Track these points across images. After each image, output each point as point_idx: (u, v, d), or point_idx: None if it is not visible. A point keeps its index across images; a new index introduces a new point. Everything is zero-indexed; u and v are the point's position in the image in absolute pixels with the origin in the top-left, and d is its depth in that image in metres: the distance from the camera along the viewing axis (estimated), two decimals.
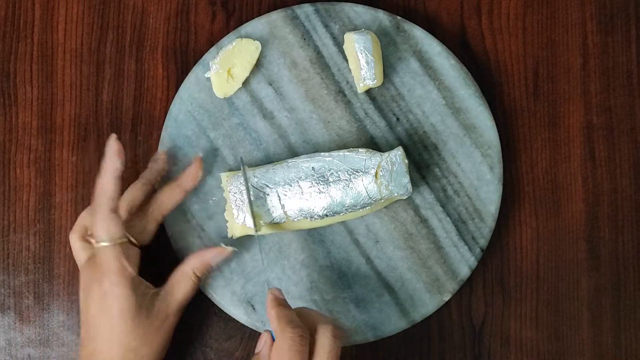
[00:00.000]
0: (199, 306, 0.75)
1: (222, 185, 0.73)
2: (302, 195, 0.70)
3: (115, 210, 0.66)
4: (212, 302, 0.74)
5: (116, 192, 0.66)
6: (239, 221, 0.71)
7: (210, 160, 0.74)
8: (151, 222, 0.71)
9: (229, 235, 0.72)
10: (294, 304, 0.73)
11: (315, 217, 0.70)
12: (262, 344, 0.64)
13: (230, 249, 0.70)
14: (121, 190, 0.67)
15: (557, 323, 0.77)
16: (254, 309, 0.73)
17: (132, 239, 0.69)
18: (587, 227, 0.77)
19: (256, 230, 0.71)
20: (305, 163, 0.71)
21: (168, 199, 0.71)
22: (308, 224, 0.72)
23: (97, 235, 0.66)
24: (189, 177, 0.72)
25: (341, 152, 0.71)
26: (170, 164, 0.74)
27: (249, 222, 0.71)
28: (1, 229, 0.77)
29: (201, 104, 0.75)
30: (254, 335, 0.75)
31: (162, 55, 0.78)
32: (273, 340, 0.63)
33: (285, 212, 0.70)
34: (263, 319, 0.73)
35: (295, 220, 0.71)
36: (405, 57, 0.75)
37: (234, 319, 0.74)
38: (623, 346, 0.77)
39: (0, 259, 0.76)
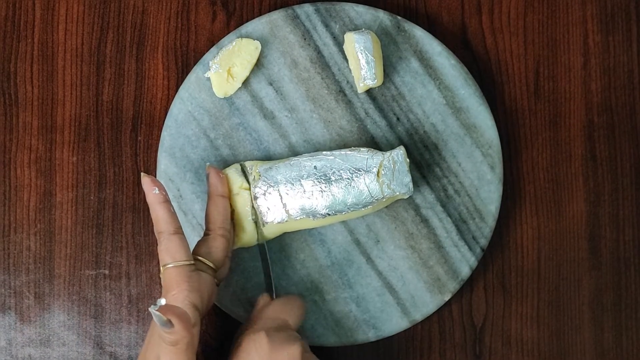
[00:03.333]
0: None
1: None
2: (304, 193, 0.70)
3: (177, 232, 0.65)
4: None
5: (169, 215, 0.65)
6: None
7: (212, 161, 0.74)
8: (213, 238, 0.69)
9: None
10: None
11: (318, 216, 0.70)
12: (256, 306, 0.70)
13: None
14: (174, 211, 0.66)
15: (558, 322, 0.77)
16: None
17: (206, 261, 0.67)
18: (588, 226, 0.77)
19: (261, 244, 0.72)
20: (307, 162, 0.71)
21: (216, 211, 0.69)
22: (310, 224, 0.72)
23: (162, 259, 0.65)
24: (217, 183, 0.70)
25: (343, 151, 0.71)
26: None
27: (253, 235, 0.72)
28: (2, 228, 0.77)
29: (201, 104, 0.74)
30: None
31: (163, 55, 0.78)
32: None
33: (287, 211, 0.70)
34: None
35: (297, 219, 0.71)
36: (405, 57, 0.75)
37: (234, 318, 0.74)
38: (624, 346, 0.76)
39: (0, 259, 0.76)
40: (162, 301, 0.62)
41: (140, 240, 0.76)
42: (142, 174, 0.66)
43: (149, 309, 0.59)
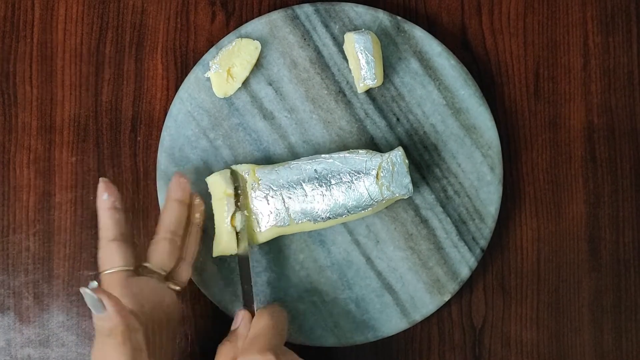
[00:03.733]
0: (199, 306, 0.75)
1: (209, 191, 0.72)
2: (306, 197, 0.70)
3: (117, 239, 0.65)
4: (212, 302, 0.74)
5: (112, 222, 0.66)
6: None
7: (211, 161, 0.74)
8: (157, 242, 0.68)
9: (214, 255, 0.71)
10: (294, 305, 0.73)
11: (319, 219, 0.70)
12: (240, 320, 0.67)
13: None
14: (119, 217, 0.66)
15: (557, 324, 0.76)
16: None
17: (149, 265, 0.66)
18: (588, 228, 0.77)
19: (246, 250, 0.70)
20: (307, 165, 0.70)
21: (166, 215, 0.69)
22: (310, 227, 0.72)
23: (99, 266, 0.65)
24: (174, 188, 0.69)
25: (342, 154, 0.70)
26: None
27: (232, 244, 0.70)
28: (1, 229, 0.77)
29: (201, 104, 0.74)
30: None
31: (162, 55, 0.77)
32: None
33: (289, 215, 0.70)
34: None
35: (299, 222, 0.71)
36: (405, 57, 0.75)
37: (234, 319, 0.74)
38: (624, 348, 0.76)
39: None
40: (95, 284, 0.61)
41: (139, 241, 0.76)
42: (100, 178, 0.67)
43: (80, 289, 0.58)
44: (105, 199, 0.66)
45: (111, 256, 0.65)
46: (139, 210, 0.76)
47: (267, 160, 0.74)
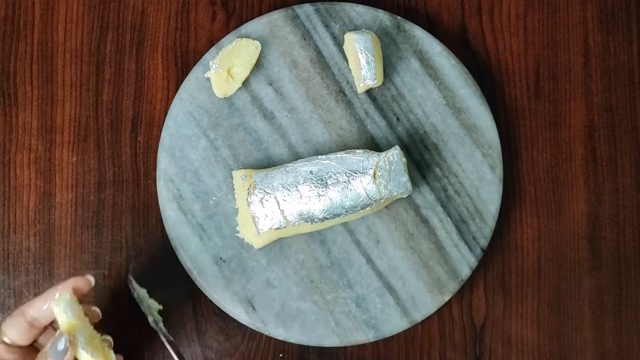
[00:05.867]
0: (199, 307, 0.75)
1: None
2: (301, 199, 0.70)
3: (25, 316, 0.63)
4: (213, 302, 0.74)
5: (42, 301, 0.62)
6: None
7: (211, 161, 0.74)
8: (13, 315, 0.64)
9: None
10: (295, 304, 0.73)
11: (316, 220, 0.70)
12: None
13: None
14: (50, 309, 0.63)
15: (558, 323, 0.76)
16: (254, 309, 0.73)
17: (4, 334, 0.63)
18: (588, 226, 0.77)
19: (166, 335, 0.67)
20: (303, 167, 0.70)
21: (33, 304, 0.64)
22: (308, 228, 0.72)
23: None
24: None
25: (338, 154, 0.70)
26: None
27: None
28: (1, 229, 0.77)
29: (201, 104, 0.74)
30: (254, 335, 0.75)
31: (162, 55, 0.77)
32: None
33: (285, 217, 0.70)
34: (263, 319, 0.73)
35: (296, 224, 0.71)
36: (405, 57, 0.75)
37: (234, 319, 0.74)
38: (625, 346, 0.76)
39: (0, 259, 0.76)
40: (66, 341, 0.60)
41: (140, 241, 0.76)
42: (85, 277, 0.64)
43: (57, 340, 0.59)
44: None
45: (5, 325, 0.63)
46: (139, 210, 0.76)
47: (267, 160, 0.74)
